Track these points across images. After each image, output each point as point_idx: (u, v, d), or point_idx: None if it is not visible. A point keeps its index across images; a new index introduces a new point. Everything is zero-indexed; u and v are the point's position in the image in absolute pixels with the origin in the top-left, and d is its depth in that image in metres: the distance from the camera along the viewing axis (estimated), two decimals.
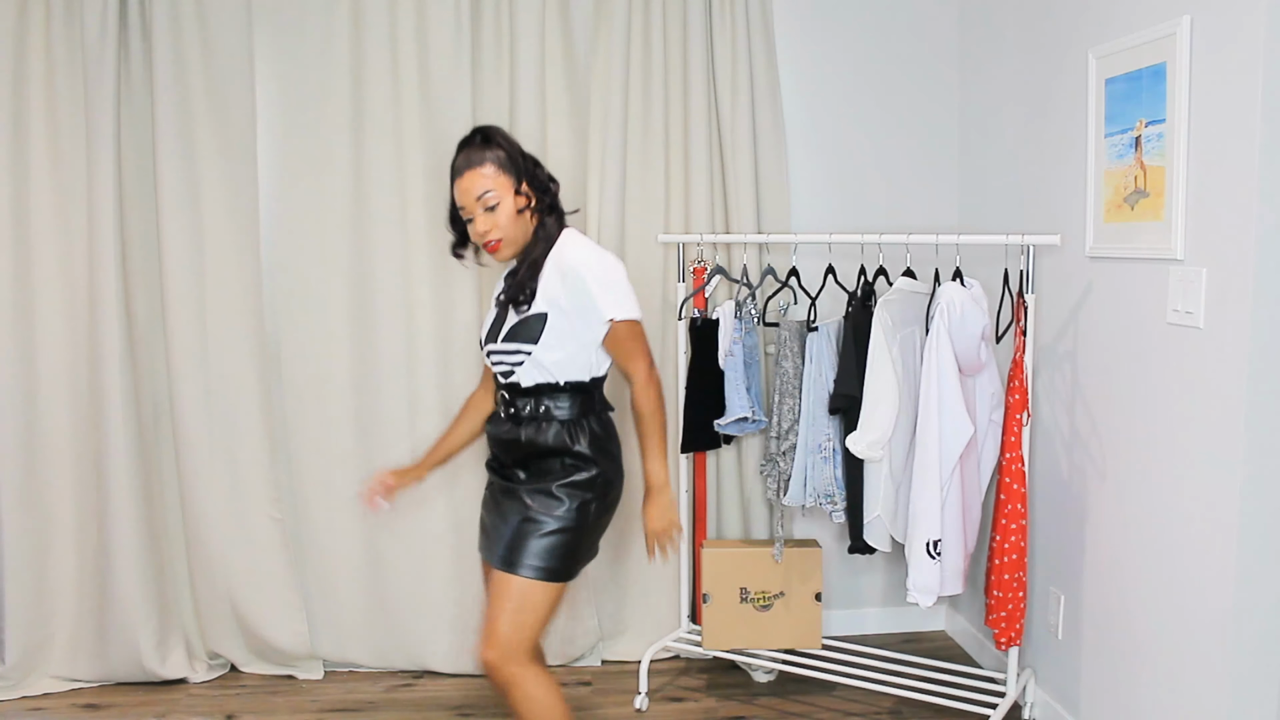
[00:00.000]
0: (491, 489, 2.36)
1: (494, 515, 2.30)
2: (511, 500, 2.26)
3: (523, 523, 2.20)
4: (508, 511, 2.24)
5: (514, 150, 2.21)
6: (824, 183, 3.41)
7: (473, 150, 2.19)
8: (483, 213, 2.16)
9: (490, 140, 2.20)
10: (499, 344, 2.24)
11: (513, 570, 2.18)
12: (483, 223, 2.17)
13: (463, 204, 2.18)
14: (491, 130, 2.22)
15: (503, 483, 2.31)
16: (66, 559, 3.14)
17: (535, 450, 2.24)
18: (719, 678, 3.26)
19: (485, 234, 2.17)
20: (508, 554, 2.19)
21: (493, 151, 2.18)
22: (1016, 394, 2.54)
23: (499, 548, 2.22)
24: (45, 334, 3.08)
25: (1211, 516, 2.13)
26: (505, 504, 2.27)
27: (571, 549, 2.22)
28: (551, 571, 2.19)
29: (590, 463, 2.25)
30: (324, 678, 3.28)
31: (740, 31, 3.19)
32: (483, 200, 2.15)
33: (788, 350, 2.86)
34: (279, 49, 3.12)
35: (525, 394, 2.23)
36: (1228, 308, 2.06)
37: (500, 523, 2.25)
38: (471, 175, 2.16)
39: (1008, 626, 2.61)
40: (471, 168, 2.16)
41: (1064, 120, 2.70)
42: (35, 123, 3.02)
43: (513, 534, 2.21)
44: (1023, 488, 2.55)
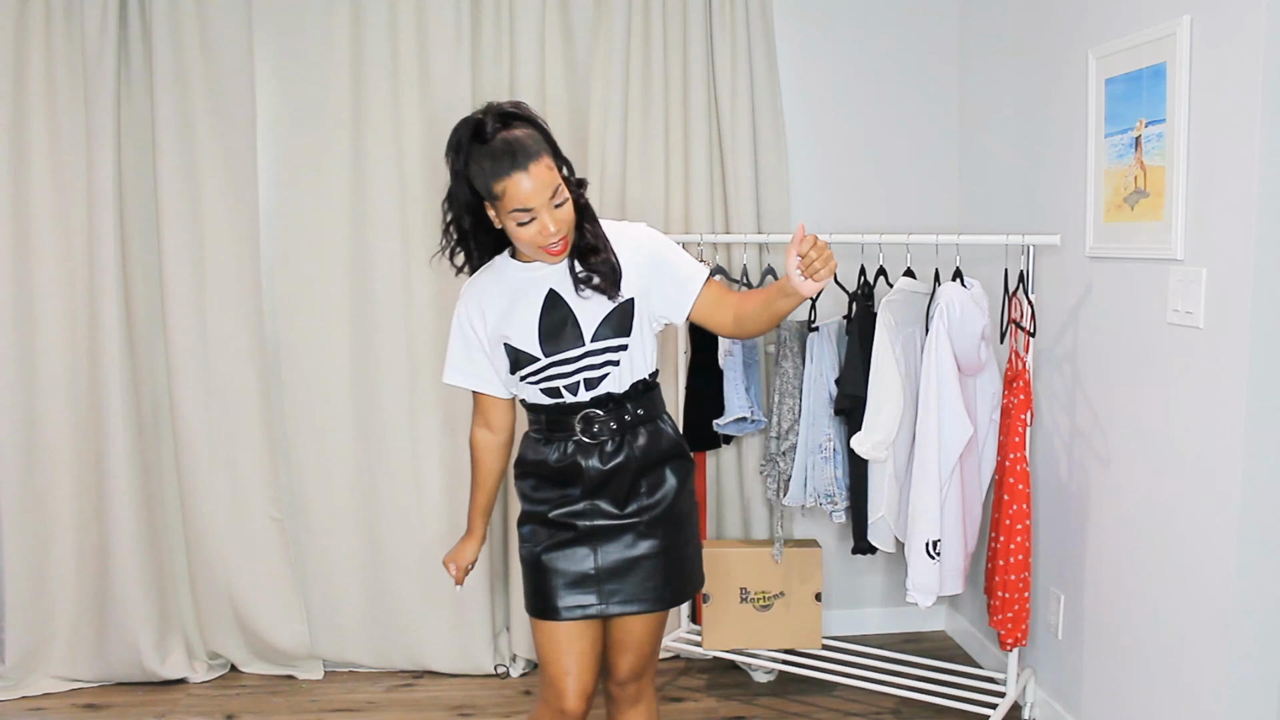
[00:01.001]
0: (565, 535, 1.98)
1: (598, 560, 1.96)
2: (621, 536, 1.96)
3: (659, 555, 1.97)
4: (630, 551, 1.96)
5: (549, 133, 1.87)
6: (824, 183, 3.41)
7: (522, 138, 1.79)
8: (551, 211, 1.80)
9: (535, 126, 1.83)
10: (589, 345, 1.91)
11: (669, 605, 2.01)
12: (554, 222, 1.80)
13: (527, 204, 1.77)
14: (526, 112, 1.85)
15: (590, 523, 1.97)
16: (66, 559, 3.14)
17: (647, 465, 1.97)
18: (719, 678, 3.26)
19: (556, 234, 1.81)
20: (659, 594, 1.98)
21: (542, 140, 1.82)
22: (1020, 394, 2.53)
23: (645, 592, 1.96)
24: (45, 334, 3.08)
25: (1211, 516, 2.13)
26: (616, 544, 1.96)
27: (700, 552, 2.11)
28: (700, 581, 2.11)
29: (685, 458, 2.06)
30: (324, 678, 3.28)
31: (740, 31, 3.19)
32: (554, 198, 1.80)
33: (788, 350, 2.86)
34: (279, 49, 3.12)
35: (621, 403, 1.94)
36: (1228, 308, 2.06)
37: (624, 564, 1.96)
38: (536, 170, 1.77)
39: (1014, 627, 2.61)
40: (533, 160, 1.77)
41: (1064, 120, 2.70)
42: (35, 123, 3.02)
43: (659, 572, 1.97)
44: (1027, 488, 2.55)
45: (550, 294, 1.93)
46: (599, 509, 1.97)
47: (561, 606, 1.96)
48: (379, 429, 3.21)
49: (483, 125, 1.81)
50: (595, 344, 1.91)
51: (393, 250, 3.16)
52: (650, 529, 1.98)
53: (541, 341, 1.91)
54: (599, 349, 1.92)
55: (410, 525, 3.23)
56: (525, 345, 1.92)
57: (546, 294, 1.93)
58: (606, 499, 1.96)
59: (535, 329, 1.92)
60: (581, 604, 1.96)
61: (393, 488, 3.23)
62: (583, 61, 3.21)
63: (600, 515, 1.97)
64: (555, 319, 1.92)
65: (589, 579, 1.97)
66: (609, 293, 1.90)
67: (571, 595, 1.96)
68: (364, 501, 3.24)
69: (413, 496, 3.22)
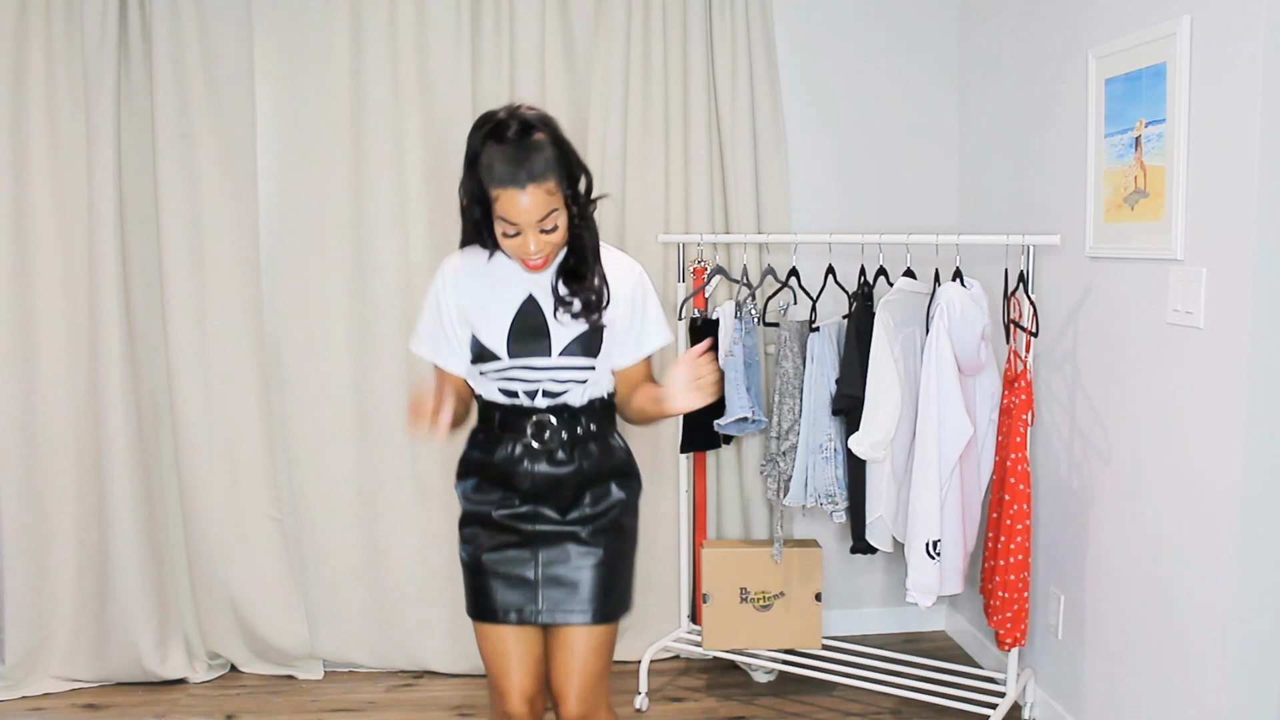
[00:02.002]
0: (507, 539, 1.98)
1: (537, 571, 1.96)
2: (562, 544, 1.96)
3: (598, 567, 1.96)
4: (565, 561, 1.96)
5: (569, 151, 1.83)
6: (824, 183, 3.41)
7: (534, 154, 1.76)
8: (537, 234, 1.80)
9: (554, 145, 1.80)
10: (556, 358, 1.91)
11: (607, 620, 1.97)
12: (536, 244, 1.80)
13: (514, 220, 1.78)
14: (550, 128, 1.82)
15: (532, 528, 1.96)
16: (66, 559, 3.14)
17: (595, 478, 1.98)
18: (719, 678, 3.26)
19: (535, 254, 1.82)
20: (598, 605, 1.95)
21: (555, 163, 1.79)
22: (1022, 394, 2.53)
23: (583, 603, 1.95)
24: (45, 334, 3.08)
25: (1211, 516, 2.13)
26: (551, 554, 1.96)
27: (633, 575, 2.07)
28: (630, 604, 2.05)
29: (634, 477, 2.07)
30: (324, 678, 3.28)
31: (740, 31, 3.19)
32: (543, 223, 1.79)
33: (788, 350, 2.86)
34: (279, 49, 3.12)
35: (575, 415, 1.95)
36: (1228, 308, 2.06)
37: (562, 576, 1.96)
38: (535, 192, 1.76)
39: (1014, 627, 2.61)
40: (535, 182, 1.75)
41: (1064, 120, 2.70)
42: (35, 123, 3.02)
43: (597, 583, 1.96)
44: (1028, 488, 2.54)
45: (529, 299, 1.93)
46: (541, 514, 1.96)
47: (499, 608, 1.97)
48: (379, 429, 3.21)
49: (504, 126, 1.79)
50: (562, 359, 1.92)
51: (393, 250, 3.16)
52: (592, 539, 1.98)
53: (509, 343, 1.91)
54: (565, 365, 1.92)
55: (410, 525, 3.23)
56: (491, 343, 1.92)
57: (525, 298, 1.93)
58: (549, 505, 1.96)
59: (506, 329, 1.91)
60: (519, 607, 1.96)
61: (393, 488, 3.23)
62: (583, 61, 3.21)
63: (542, 520, 1.96)
64: (528, 325, 1.91)
65: (529, 584, 1.96)
66: (587, 319, 1.91)
67: (511, 597, 1.96)
68: (364, 501, 3.24)
69: (413, 496, 3.22)
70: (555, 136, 1.82)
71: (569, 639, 1.97)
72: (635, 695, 3.06)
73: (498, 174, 1.77)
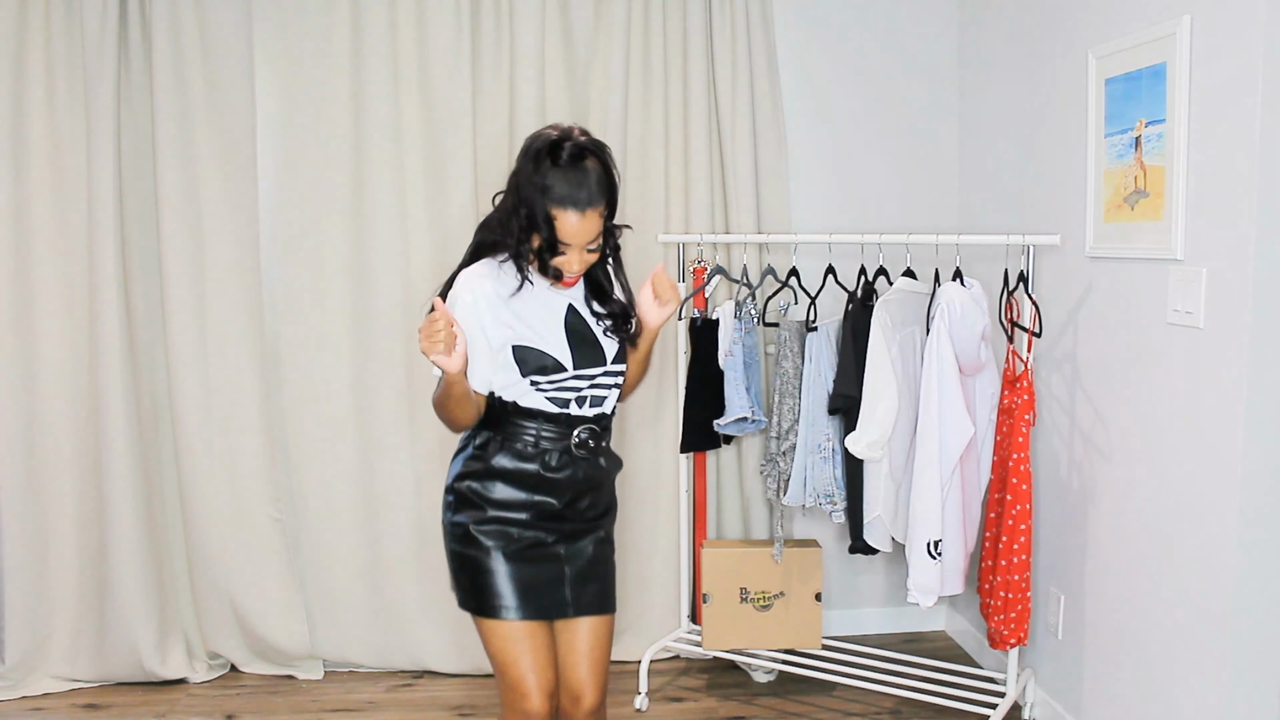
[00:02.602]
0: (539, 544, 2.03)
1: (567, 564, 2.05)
2: (582, 541, 2.07)
3: (610, 561, 2.12)
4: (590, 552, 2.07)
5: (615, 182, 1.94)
6: (824, 183, 3.41)
7: (594, 183, 1.87)
8: (583, 253, 1.92)
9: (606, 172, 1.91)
10: (610, 365, 2.03)
11: (614, 609, 2.11)
12: (579, 262, 1.92)
13: (568, 239, 1.88)
14: (604, 155, 1.92)
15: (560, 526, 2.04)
16: (66, 559, 3.14)
17: (610, 479, 2.12)
18: (719, 678, 3.26)
19: (576, 272, 1.94)
20: (612, 596, 2.10)
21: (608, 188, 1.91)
22: (1024, 394, 2.53)
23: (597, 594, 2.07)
24: (45, 334, 3.08)
25: (1211, 516, 2.13)
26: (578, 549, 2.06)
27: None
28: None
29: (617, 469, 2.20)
30: (324, 678, 3.28)
31: (740, 31, 3.19)
32: (590, 243, 1.91)
33: (788, 350, 2.86)
34: (279, 49, 3.12)
35: (606, 421, 2.08)
36: (1228, 308, 2.06)
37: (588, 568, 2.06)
38: (592, 217, 1.88)
39: (1017, 627, 2.60)
40: (594, 207, 1.87)
41: (1064, 120, 2.70)
42: (35, 123, 3.02)
43: (607, 573, 2.11)
44: (1030, 488, 2.54)
45: (570, 309, 2.02)
46: (574, 514, 2.05)
47: (530, 606, 2.00)
48: (379, 429, 3.21)
49: (559, 147, 1.87)
50: (613, 366, 2.04)
51: (392, 250, 3.16)
52: (604, 539, 2.12)
53: (572, 353, 1.98)
54: (614, 371, 2.04)
55: (410, 525, 3.23)
56: (556, 352, 1.97)
57: (567, 309, 2.01)
58: (581, 507, 2.06)
59: (564, 341, 1.98)
60: (548, 604, 2.02)
61: (393, 488, 3.23)
62: (583, 61, 3.21)
63: (573, 519, 2.05)
64: (579, 334, 2.01)
65: (559, 580, 2.04)
66: (623, 333, 2.06)
67: (539, 595, 2.01)
68: (364, 501, 3.24)
69: (412, 496, 3.22)
70: (607, 166, 1.92)
71: (590, 630, 2.06)
72: (635, 695, 3.06)
73: (557, 195, 1.85)
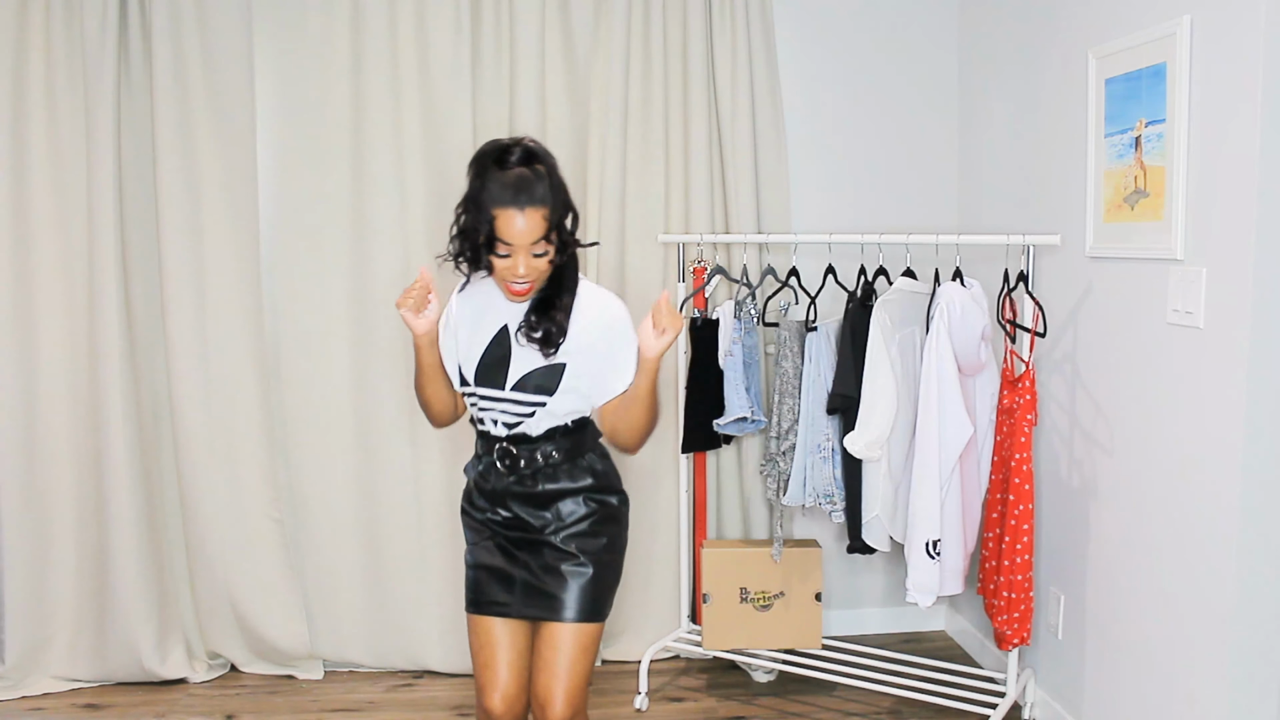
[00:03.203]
0: (496, 540, 2.13)
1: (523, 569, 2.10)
2: (541, 550, 2.09)
3: (576, 573, 2.07)
4: (548, 562, 2.08)
5: (563, 187, 1.98)
6: (824, 183, 3.41)
7: (534, 183, 1.91)
8: (528, 257, 1.93)
9: (550, 177, 1.95)
10: (506, 392, 2.02)
11: (587, 620, 2.07)
12: (525, 267, 1.93)
13: (510, 239, 1.90)
14: (550, 161, 1.97)
15: (514, 534, 2.11)
16: (66, 559, 3.14)
17: (559, 496, 2.09)
18: (719, 678, 3.26)
19: (523, 278, 1.94)
20: (579, 606, 2.06)
21: (551, 192, 1.93)
22: (1026, 395, 2.52)
23: (562, 603, 2.06)
24: (45, 334, 3.08)
25: (1211, 516, 2.13)
26: (536, 555, 2.09)
27: (617, 581, 2.16)
28: (607, 609, 2.14)
29: (610, 490, 2.15)
30: (324, 678, 3.28)
31: (740, 31, 3.19)
32: (532, 250, 1.92)
33: (787, 350, 2.86)
34: (279, 49, 3.13)
35: (534, 442, 2.06)
36: (1228, 308, 2.06)
37: (544, 575, 2.08)
38: (532, 215, 1.89)
39: (1020, 627, 2.60)
40: (534, 206, 1.89)
41: (1064, 120, 2.70)
42: (35, 123, 3.02)
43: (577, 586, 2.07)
44: (1032, 488, 2.54)
45: (503, 329, 2.06)
46: (519, 522, 2.09)
47: (488, 601, 2.11)
48: (379, 429, 3.21)
49: (508, 152, 1.94)
50: (512, 393, 2.03)
51: (392, 250, 3.16)
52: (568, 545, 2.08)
53: (477, 370, 2.05)
54: (515, 399, 2.03)
55: (410, 525, 3.23)
56: (465, 366, 2.07)
57: (500, 328, 2.06)
58: (526, 516, 2.09)
59: (478, 357, 2.05)
60: (505, 603, 2.10)
61: (393, 488, 3.23)
62: (583, 61, 3.21)
63: (521, 528, 2.10)
64: (495, 355, 2.05)
65: (512, 581, 2.10)
66: (543, 350, 2.01)
67: (499, 594, 2.11)
68: (364, 501, 3.24)
69: (412, 496, 3.22)
70: (552, 170, 1.95)
71: (555, 636, 2.07)
72: (635, 695, 3.06)
73: (499, 195, 1.90)
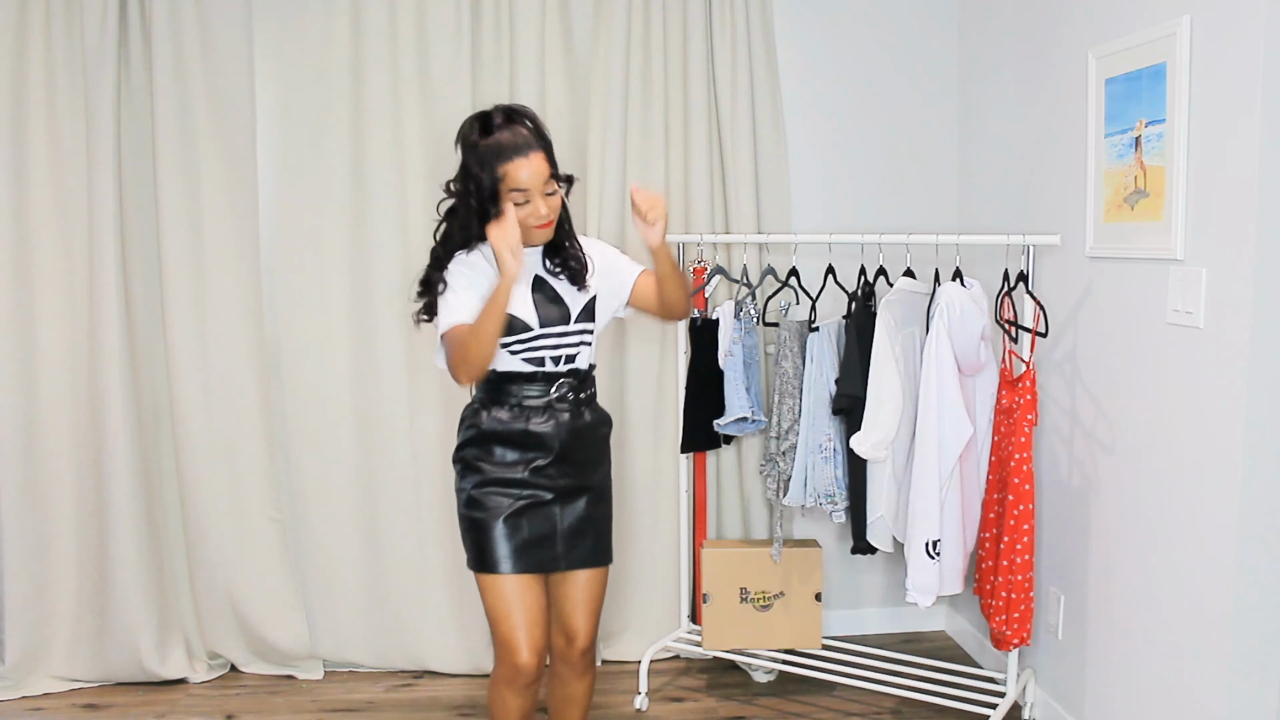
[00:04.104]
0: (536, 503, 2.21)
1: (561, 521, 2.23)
2: (579, 497, 2.25)
3: (603, 518, 2.30)
4: (582, 509, 2.25)
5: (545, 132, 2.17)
6: (824, 183, 3.41)
7: (525, 133, 2.10)
8: (543, 197, 2.10)
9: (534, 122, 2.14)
10: (572, 325, 2.20)
11: (610, 562, 2.32)
12: (545, 206, 2.10)
13: (524, 185, 2.07)
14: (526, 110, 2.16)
15: (554, 483, 2.22)
16: (66, 559, 3.14)
17: (597, 433, 2.29)
18: (719, 678, 3.26)
19: (546, 215, 2.11)
20: (606, 550, 2.31)
21: (541, 136, 2.13)
22: (1027, 394, 2.52)
23: (591, 548, 2.27)
24: (45, 334, 3.08)
25: (1211, 516, 2.13)
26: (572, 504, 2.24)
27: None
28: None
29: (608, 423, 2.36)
30: (324, 678, 3.28)
31: (740, 31, 3.19)
32: (545, 188, 2.10)
33: (788, 350, 2.86)
34: (279, 50, 3.12)
35: (582, 376, 2.24)
36: (1228, 308, 2.06)
37: (580, 524, 2.25)
38: (536, 159, 2.07)
39: (1020, 627, 2.59)
40: (535, 151, 2.08)
41: (1064, 120, 2.70)
42: (35, 123, 3.02)
43: (602, 527, 2.29)
44: (1033, 488, 2.54)
45: (536, 278, 2.20)
46: (565, 470, 2.22)
47: (524, 561, 2.19)
48: (379, 429, 3.21)
49: (490, 117, 2.11)
50: (577, 324, 2.21)
51: (393, 250, 3.16)
52: (598, 494, 2.29)
53: (537, 311, 2.17)
54: (578, 329, 2.21)
55: (410, 525, 3.23)
56: (522, 314, 2.15)
57: (534, 278, 2.20)
58: (570, 463, 2.23)
59: (530, 301, 2.17)
60: (542, 558, 2.20)
61: (393, 488, 3.23)
62: (583, 62, 3.21)
63: (565, 476, 2.22)
64: (546, 297, 2.19)
65: (550, 538, 2.22)
66: (578, 283, 2.21)
67: (534, 550, 2.20)
68: (364, 501, 3.24)
69: (412, 496, 3.22)
70: (532, 117, 2.14)
71: (585, 581, 2.27)
72: (635, 695, 3.06)
73: (499, 154, 2.07)
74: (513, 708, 2.21)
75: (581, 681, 2.34)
